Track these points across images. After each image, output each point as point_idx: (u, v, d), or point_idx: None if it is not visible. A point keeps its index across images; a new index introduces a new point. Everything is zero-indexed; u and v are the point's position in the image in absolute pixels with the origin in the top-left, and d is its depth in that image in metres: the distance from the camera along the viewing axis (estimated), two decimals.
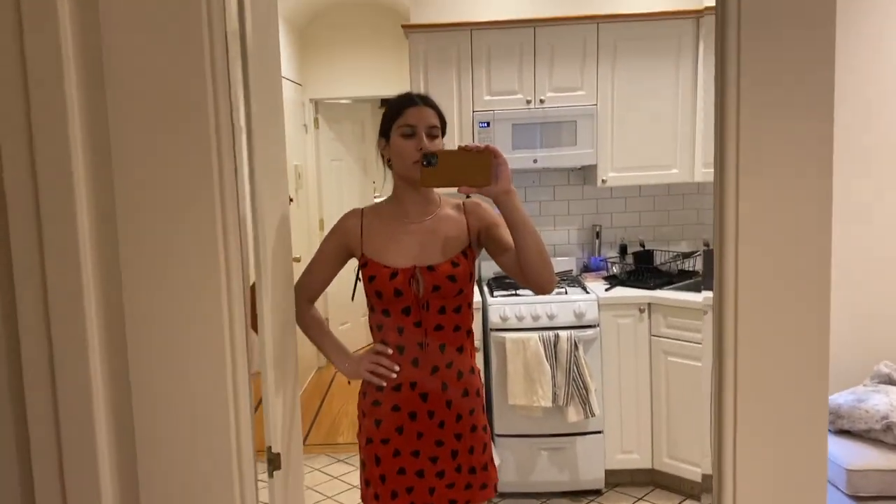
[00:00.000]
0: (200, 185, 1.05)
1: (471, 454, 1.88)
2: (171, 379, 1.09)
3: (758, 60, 1.03)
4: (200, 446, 1.09)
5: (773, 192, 1.06)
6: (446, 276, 1.80)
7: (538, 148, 3.63)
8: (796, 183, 1.07)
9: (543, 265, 1.74)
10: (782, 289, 1.09)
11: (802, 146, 1.07)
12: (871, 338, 3.25)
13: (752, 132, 1.06)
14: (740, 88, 1.07)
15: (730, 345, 1.10)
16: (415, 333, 1.82)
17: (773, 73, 1.05)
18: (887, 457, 2.69)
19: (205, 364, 1.09)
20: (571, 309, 3.38)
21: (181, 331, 1.08)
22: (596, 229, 4.03)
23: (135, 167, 1.03)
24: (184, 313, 1.07)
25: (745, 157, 1.08)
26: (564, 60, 3.63)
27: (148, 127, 1.03)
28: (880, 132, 3.24)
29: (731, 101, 1.09)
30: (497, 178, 1.65)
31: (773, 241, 1.08)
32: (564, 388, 3.28)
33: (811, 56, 1.05)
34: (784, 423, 1.11)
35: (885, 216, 3.28)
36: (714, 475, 1.17)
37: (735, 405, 1.12)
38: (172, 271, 1.06)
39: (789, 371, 1.10)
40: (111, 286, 1.06)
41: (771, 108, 1.06)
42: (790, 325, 1.09)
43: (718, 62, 1.08)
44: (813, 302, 1.08)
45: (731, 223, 1.09)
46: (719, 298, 1.11)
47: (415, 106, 1.80)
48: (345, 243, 1.90)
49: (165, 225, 1.05)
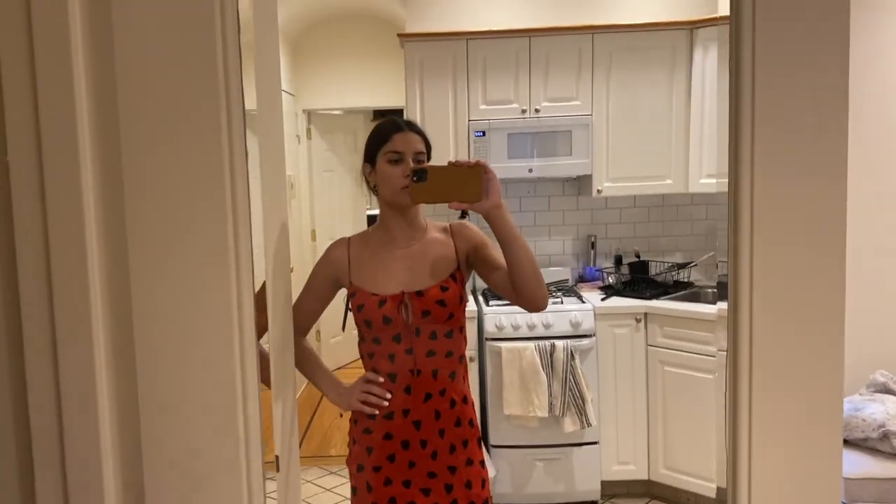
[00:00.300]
0: (212, 188, 1.03)
1: (469, 489, 1.82)
2: (179, 381, 1.06)
3: (772, 72, 1.03)
4: (209, 447, 1.06)
5: (787, 201, 1.05)
6: (436, 300, 1.76)
7: (533, 157, 3.63)
8: (811, 193, 1.06)
9: (536, 281, 1.71)
10: (797, 300, 1.07)
11: (817, 157, 1.06)
12: (867, 348, 3.25)
13: (767, 142, 1.05)
14: (755, 100, 1.06)
15: (744, 357, 1.08)
16: (406, 360, 1.78)
17: (788, 84, 1.04)
18: (884, 465, 2.69)
19: (215, 367, 1.07)
20: (567, 318, 3.36)
21: (190, 334, 1.06)
22: (591, 240, 4.02)
23: (145, 164, 1.01)
24: (193, 313, 1.05)
25: (759, 166, 1.07)
26: (560, 70, 3.64)
27: (159, 121, 1.02)
28: (879, 125, 3.26)
29: (745, 112, 1.07)
30: (488, 193, 1.62)
31: (788, 252, 1.06)
32: (560, 397, 3.26)
33: (825, 65, 1.04)
34: (799, 434, 1.09)
35: (883, 227, 3.29)
36: (728, 488, 1.15)
37: (750, 418, 1.10)
38: (181, 272, 1.04)
39: (804, 383, 1.09)
40: (119, 289, 1.04)
41: (785, 120, 1.06)
42: (805, 337, 1.08)
43: (733, 71, 1.07)
44: (827, 313, 1.06)
45: (745, 234, 1.07)
46: (734, 310, 1.09)
47: (401, 132, 1.78)
48: (332, 274, 1.87)
49: (175, 224, 1.03)
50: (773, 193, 1.06)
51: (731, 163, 1.12)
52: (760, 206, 1.07)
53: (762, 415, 1.12)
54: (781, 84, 1.04)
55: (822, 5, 1.03)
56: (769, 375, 1.10)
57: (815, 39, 1.04)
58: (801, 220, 1.06)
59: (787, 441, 1.10)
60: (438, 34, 3.63)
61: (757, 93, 1.05)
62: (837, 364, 1.08)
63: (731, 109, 1.11)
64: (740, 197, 1.10)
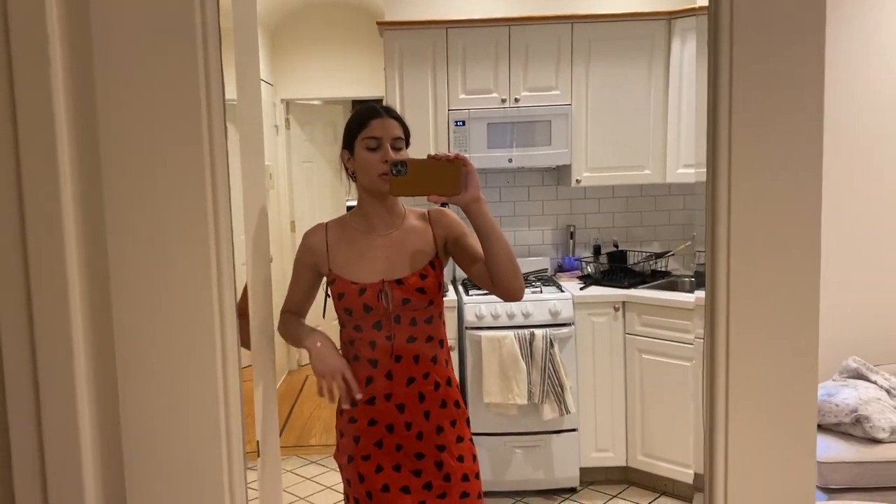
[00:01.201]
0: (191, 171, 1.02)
1: (461, 462, 1.84)
2: (160, 364, 1.05)
3: (750, 62, 1.04)
4: (190, 432, 1.06)
5: (764, 191, 1.07)
6: (415, 288, 1.78)
7: (513, 147, 3.64)
8: (787, 183, 1.07)
9: (513, 272, 1.73)
10: (773, 289, 1.09)
11: (793, 147, 1.07)
12: (840, 334, 3.31)
13: (744, 132, 1.06)
14: (732, 91, 1.07)
15: (721, 344, 1.10)
16: (387, 346, 1.79)
17: (765, 74, 1.06)
18: (857, 449, 2.74)
19: (195, 355, 1.06)
20: (547, 307, 3.38)
21: (170, 322, 1.05)
22: (570, 229, 4.05)
23: (124, 152, 1.00)
24: (173, 301, 1.04)
25: (736, 156, 1.08)
26: (539, 60, 3.65)
27: (137, 110, 1.00)
28: (852, 119, 3.31)
29: (723, 102, 1.09)
30: (466, 186, 1.64)
31: (764, 240, 1.08)
32: (540, 385, 3.29)
33: (801, 56, 1.05)
34: (775, 419, 1.11)
35: (852, 215, 3.35)
36: (705, 474, 1.17)
37: (727, 404, 1.12)
38: (162, 260, 1.04)
39: (780, 370, 1.11)
40: (97, 275, 1.03)
41: (762, 110, 1.07)
42: (781, 324, 1.10)
43: (711, 61, 1.08)
44: (803, 301, 1.08)
45: (722, 223, 1.09)
46: (711, 298, 1.11)
47: (379, 118, 1.78)
48: (313, 262, 1.87)
49: (155, 213, 1.02)
50: (749, 183, 1.07)
51: (709, 153, 1.14)
52: (737, 196, 1.08)
53: (739, 401, 1.14)
54: (758, 74, 1.06)
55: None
56: (745, 362, 1.12)
57: (792, 30, 1.05)
58: (777, 209, 1.07)
59: (763, 427, 1.12)
60: (418, 23, 3.62)
61: (734, 83, 1.06)
62: (812, 351, 1.10)
63: (709, 100, 1.13)
64: (717, 187, 1.11)
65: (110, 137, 1.01)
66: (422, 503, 1.80)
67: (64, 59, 1.00)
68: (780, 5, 1.04)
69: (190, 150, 1.02)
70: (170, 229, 1.04)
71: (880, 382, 2.96)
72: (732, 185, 1.08)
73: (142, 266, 1.04)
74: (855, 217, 3.36)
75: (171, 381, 1.06)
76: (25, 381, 1.02)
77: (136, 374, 1.05)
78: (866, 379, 3.01)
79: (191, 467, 1.08)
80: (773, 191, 1.08)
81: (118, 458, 1.06)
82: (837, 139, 3.32)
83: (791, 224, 1.08)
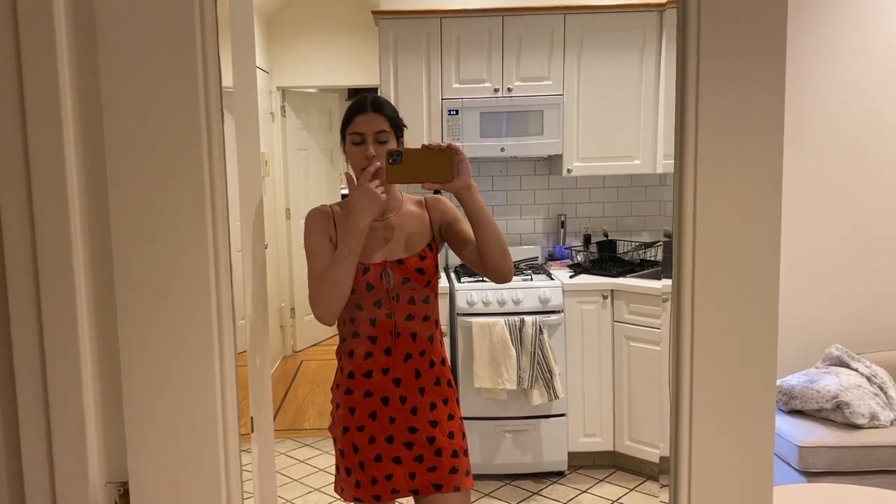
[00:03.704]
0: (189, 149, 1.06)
1: (451, 439, 1.91)
2: (160, 348, 1.10)
3: (716, 54, 1.09)
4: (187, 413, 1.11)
5: (728, 182, 1.13)
6: (415, 268, 1.88)
7: (506, 137, 3.69)
8: (750, 174, 1.13)
9: (502, 255, 1.85)
10: (736, 277, 1.15)
11: (756, 139, 1.13)
12: (822, 322, 3.38)
13: (711, 125, 1.12)
14: (699, 83, 1.13)
15: (686, 330, 1.15)
16: (387, 324, 1.88)
17: (730, 66, 1.11)
18: (836, 434, 2.81)
19: (192, 338, 1.10)
20: (537, 295, 3.44)
21: (169, 304, 1.09)
22: (561, 219, 4.10)
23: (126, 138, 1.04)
24: (172, 284, 1.08)
25: (703, 149, 1.14)
26: (532, 50, 3.69)
27: (137, 96, 1.04)
28: (821, 113, 3.37)
29: (690, 95, 1.14)
30: (459, 173, 1.74)
31: (727, 231, 1.14)
32: (529, 371, 3.35)
33: (765, 47, 1.11)
34: (736, 404, 1.17)
35: (833, 201, 3.41)
36: (671, 456, 1.23)
37: (691, 389, 1.18)
38: (162, 245, 1.08)
39: (742, 354, 1.17)
40: (100, 261, 1.07)
41: (727, 104, 1.13)
42: (743, 311, 1.16)
43: (680, 54, 1.13)
44: (763, 290, 1.14)
45: (688, 213, 1.15)
46: (677, 286, 1.17)
47: (364, 113, 1.86)
48: (325, 231, 1.91)
49: (153, 194, 1.06)
50: (713, 175, 1.13)
51: (677, 143, 1.19)
52: (703, 186, 1.14)
53: (702, 385, 1.19)
54: (724, 66, 1.11)
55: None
56: (708, 346, 1.18)
57: (755, 23, 1.10)
58: (739, 204, 1.13)
59: (725, 408, 1.18)
60: (412, 12, 3.66)
61: (701, 74, 1.11)
62: (771, 337, 1.15)
63: (678, 90, 1.18)
64: (684, 177, 1.17)
65: (113, 121, 1.05)
66: (412, 474, 1.88)
67: (70, 50, 1.04)
68: (746, 3, 1.10)
69: (187, 136, 1.06)
70: (168, 214, 1.08)
71: (861, 370, 3.03)
72: (699, 175, 1.13)
73: (142, 250, 1.08)
74: (840, 206, 3.42)
75: (168, 364, 1.10)
76: (32, 352, 1.07)
77: (138, 356, 1.10)
78: (848, 366, 3.07)
79: (188, 448, 1.13)
80: (735, 183, 1.14)
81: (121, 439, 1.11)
82: (823, 126, 3.37)
83: (753, 214, 1.14)
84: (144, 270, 1.08)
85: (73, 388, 1.08)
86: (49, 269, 1.06)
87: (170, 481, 1.12)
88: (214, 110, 1.07)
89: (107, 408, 1.12)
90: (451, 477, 1.89)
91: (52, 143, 1.04)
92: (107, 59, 1.04)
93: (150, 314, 1.09)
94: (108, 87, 1.05)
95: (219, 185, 1.10)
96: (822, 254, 3.41)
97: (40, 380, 1.08)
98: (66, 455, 1.09)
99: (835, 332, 3.34)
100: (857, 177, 3.41)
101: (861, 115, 3.37)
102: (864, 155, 3.40)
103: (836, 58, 3.34)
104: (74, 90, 1.06)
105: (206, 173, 1.08)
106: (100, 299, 1.10)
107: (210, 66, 1.05)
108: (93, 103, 1.07)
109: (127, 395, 1.10)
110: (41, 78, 1.04)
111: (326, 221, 1.92)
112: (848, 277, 3.43)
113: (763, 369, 1.13)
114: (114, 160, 1.06)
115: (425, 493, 1.89)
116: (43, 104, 1.04)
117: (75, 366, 1.08)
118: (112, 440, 1.12)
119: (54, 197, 1.05)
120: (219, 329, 1.11)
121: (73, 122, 1.06)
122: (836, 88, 3.36)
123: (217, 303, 1.10)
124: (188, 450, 1.12)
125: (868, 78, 3.35)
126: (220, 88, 1.09)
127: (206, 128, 1.06)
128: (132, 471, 1.12)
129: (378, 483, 1.87)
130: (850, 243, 3.43)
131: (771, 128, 1.08)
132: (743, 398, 1.14)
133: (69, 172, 1.05)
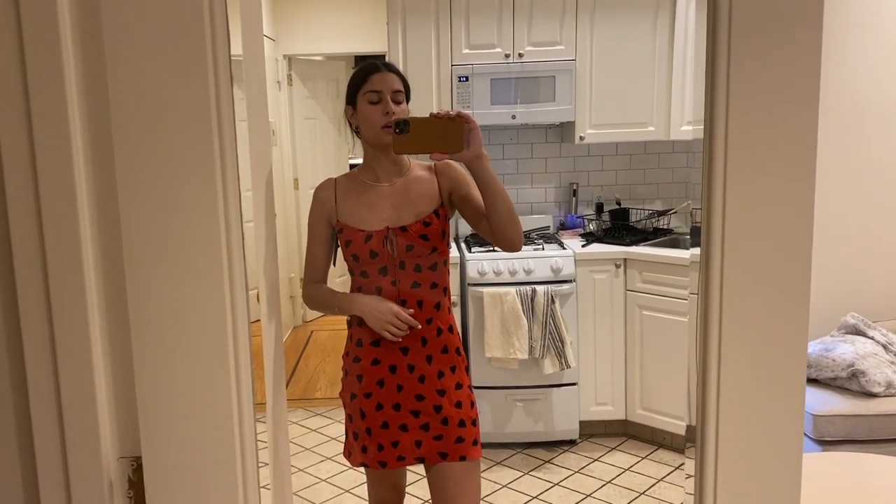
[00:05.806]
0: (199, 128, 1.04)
1: (458, 408, 1.91)
2: (171, 322, 1.08)
3: (749, 15, 1.04)
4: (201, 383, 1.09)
5: (760, 146, 1.08)
6: (419, 235, 1.85)
7: (517, 103, 3.63)
8: (783, 140, 1.08)
9: (512, 225, 1.81)
10: (767, 245, 1.11)
11: (790, 103, 1.08)
12: (838, 290, 3.34)
13: (742, 90, 1.07)
14: (731, 47, 1.07)
15: (715, 298, 1.12)
16: (392, 292, 1.87)
17: (764, 24, 1.06)
18: (851, 403, 2.79)
19: (205, 308, 1.08)
20: (548, 264, 3.41)
21: (181, 281, 1.07)
22: (573, 187, 4.05)
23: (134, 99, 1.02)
24: (183, 259, 1.06)
25: (734, 115, 1.09)
26: (543, 14, 3.61)
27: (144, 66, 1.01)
28: (854, 88, 3.29)
29: (721, 57, 1.09)
30: (469, 143, 1.68)
31: (759, 197, 1.10)
32: (541, 340, 3.33)
33: (801, 13, 1.05)
34: (765, 372, 1.14)
35: (853, 171, 3.35)
36: (697, 426, 1.20)
37: (719, 357, 1.15)
38: (172, 218, 1.05)
39: (772, 321, 1.13)
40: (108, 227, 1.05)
41: (760, 64, 1.07)
42: (774, 278, 1.12)
43: (710, 14, 1.08)
44: (795, 257, 1.10)
45: (718, 178, 1.11)
46: (706, 253, 1.13)
47: (379, 72, 1.84)
48: (324, 214, 1.94)
49: (164, 174, 1.04)
50: (745, 139, 1.08)
51: (707, 107, 1.14)
52: (734, 154, 1.09)
53: (730, 355, 1.16)
54: (757, 30, 1.06)
55: None
56: (738, 316, 1.15)
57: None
58: (771, 167, 1.08)
59: (754, 379, 1.15)
60: None
61: (733, 40, 1.06)
62: (803, 306, 1.12)
63: (708, 56, 1.13)
64: (714, 142, 1.12)
65: (120, 91, 1.02)
66: (418, 442, 1.88)
67: (72, 18, 1.00)
68: None
69: (197, 105, 1.03)
70: (179, 184, 1.06)
71: (877, 338, 3.00)
72: (729, 140, 1.09)
73: (152, 221, 1.06)
74: (856, 173, 3.35)
75: (180, 335, 1.09)
76: (41, 326, 1.05)
77: (149, 328, 1.08)
78: (864, 335, 3.04)
79: (202, 420, 1.12)
80: (767, 148, 1.09)
81: (133, 414, 1.10)
82: (838, 96, 3.30)
83: (786, 181, 1.09)
84: (154, 243, 1.06)
85: (83, 362, 1.06)
86: (56, 240, 1.04)
87: (184, 454, 1.11)
88: (224, 80, 1.04)
89: (118, 382, 1.10)
90: (457, 446, 1.89)
91: (56, 108, 1.01)
92: (112, 28, 1.01)
93: (161, 286, 1.07)
94: (114, 55, 1.01)
95: (229, 155, 1.07)
96: (838, 221, 3.35)
97: (50, 354, 1.06)
98: (78, 431, 1.08)
99: (851, 301, 3.30)
100: (879, 144, 3.34)
101: (890, 81, 3.29)
102: (889, 119, 3.32)
103: (877, 20, 3.25)
104: (78, 56, 1.03)
105: (216, 143, 1.05)
106: (109, 272, 1.08)
107: (219, 34, 1.02)
108: (98, 72, 1.03)
109: (138, 368, 1.08)
110: (44, 48, 1.00)
111: (324, 201, 1.93)
112: (865, 245, 3.38)
113: (794, 336, 1.10)
114: (121, 131, 1.03)
115: (431, 462, 1.89)
116: (46, 70, 1.01)
117: (85, 339, 1.06)
118: (124, 415, 1.11)
119: (60, 168, 1.03)
120: (231, 299, 1.09)
121: (76, 89, 1.03)
122: (869, 54, 3.27)
123: (230, 273, 1.08)
124: (202, 422, 1.11)
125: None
126: (230, 57, 1.05)
127: (216, 97, 1.03)
128: (145, 445, 1.11)
129: (384, 449, 1.88)
130: (868, 212, 3.37)
131: (806, 91, 1.03)
132: (773, 366, 1.11)
133: (74, 145, 1.02)
